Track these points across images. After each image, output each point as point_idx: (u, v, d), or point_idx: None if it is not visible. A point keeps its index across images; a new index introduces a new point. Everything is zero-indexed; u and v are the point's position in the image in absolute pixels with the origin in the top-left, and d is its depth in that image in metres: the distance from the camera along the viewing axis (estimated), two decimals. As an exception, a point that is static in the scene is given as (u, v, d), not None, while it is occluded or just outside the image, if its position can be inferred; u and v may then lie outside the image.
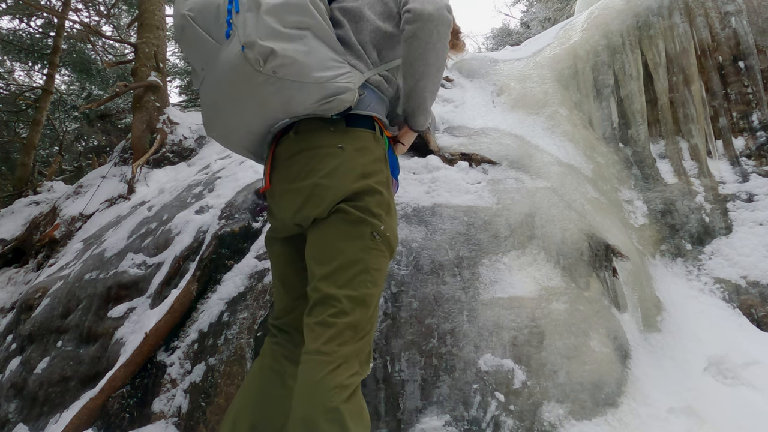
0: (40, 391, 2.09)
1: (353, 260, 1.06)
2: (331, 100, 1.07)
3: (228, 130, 1.19)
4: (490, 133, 2.68)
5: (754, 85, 2.82)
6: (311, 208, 1.09)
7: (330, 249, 1.07)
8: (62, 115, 9.13)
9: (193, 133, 4.52)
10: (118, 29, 9.33)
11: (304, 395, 0.95)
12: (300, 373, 0.98)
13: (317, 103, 1.07)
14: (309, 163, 1.12)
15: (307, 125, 1.14)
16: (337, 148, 1.11)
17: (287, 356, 1.20)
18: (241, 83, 1.02)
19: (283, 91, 1.02)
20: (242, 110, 1.09)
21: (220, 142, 1.28)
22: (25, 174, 6.34)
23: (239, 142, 1.23)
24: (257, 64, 0.97)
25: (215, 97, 1.10)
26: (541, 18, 11.51)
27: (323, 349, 0.98)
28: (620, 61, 3.10)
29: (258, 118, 1.12)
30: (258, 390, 1.17)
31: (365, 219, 1.08)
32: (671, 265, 2.46)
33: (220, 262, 2.05)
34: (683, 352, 1.86)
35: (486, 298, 1.68)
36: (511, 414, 1.40)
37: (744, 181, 2.64)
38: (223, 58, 1.01)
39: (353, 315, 1.02)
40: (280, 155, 1.17)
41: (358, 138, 1.14)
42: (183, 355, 1.83)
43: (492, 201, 2.09)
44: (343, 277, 1.04)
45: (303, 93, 1.04)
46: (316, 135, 1.13)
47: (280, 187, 1.17)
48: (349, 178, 1.09)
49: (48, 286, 2.70)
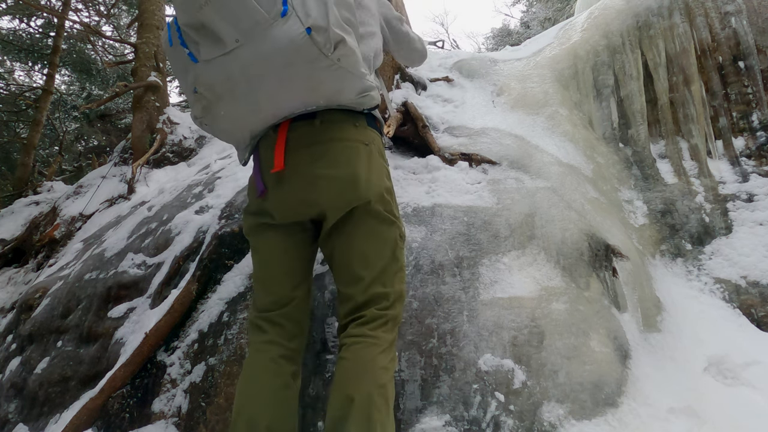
0: (40, 391, 2.09)
1: (392, 260, 1.20)
2: (366, 95, 1.16)
3: (247, 111, 1.13)
4: (490, 133, 2.68)
5: (754, 85, 2.82)
6: (351, 198, 1.15)
7: (375, 250, 1.18)
8: (62, 115, 9.13)
9: (193, 133, 4.52)
10: (118, 29, 9.33)
11: (360, 371, 1.05)
12: (352, 352, 1.07)
13: (358, 96, 1.15)
14: (344, 153, 1.17)
15: (333, 116, 1.19)
16: (365, 144, 1.20)
17: (284, 355, 1.19)
18: (301, 64, 1.02)
19: (340, 79, 1.08)
20: (287, 89, 1.08)
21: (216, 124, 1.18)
22: (25, 174, 6.34)
23: (253, 123, 1.18)
24: (327, 49, 0.99)
25: (251, 73, 1.04)
26: (541, 18, 11.52)
27: (373, 333, 1.10)
28: (620, 61, 3.10)
29: (298, 99, 1.12)
30: (268, 392, 1.14)
31: (395, 222, 1.23)
32: (671, 265, 2.46)
33: (220, 262, 2.05)
34: (683, 352, 1.86)
35: (486, 298, 1.68)
36: (511, 414, 1.40)
37: (744, 181, 2.64)
38: (278, 35, 0.99)
39: (395, 308, 1.17)
40: (298, 140, 1.17)
41: (375, 139, 1.26)
42: (183, 355, 1.83)
43: (492, 201, 2.09)
44: (388, 277, 1.18)
45: (352, 84, 1.12)
46: (343, 128, 1.19)
47: (303, 171, 1.17)
48: (380, 177, 1.21)
49: (48, 286, 2.70)
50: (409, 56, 1.77)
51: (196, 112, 1.14)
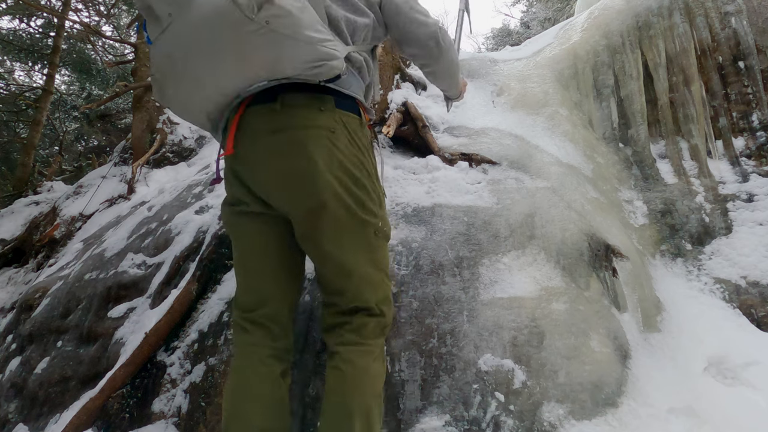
0: (40, 391, 2.09)
1: (369, 263, 1.13)
2: (321, 65, 1.01)
3: (191, 90, 1.05)
4: (490, 133, 2.68)
5: (754, 85, 2.82)
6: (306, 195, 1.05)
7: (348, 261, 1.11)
8: (62, 115, 9.13)
9: (193, 133, 4.52)
10: (118, 29, 9.33)
11: (357, 382, 1.03)
12: (347, 361, 1.05)
13: (307, 65, 1.00)
14: (302, 143, 1.05)
15: (294, 98, 1.06)
16: (330, 131, 1.07)
17: (273, 355, 1.14)
18: (226, 31, 0.92)
19: (274, 45, 0.95)
20: (219, 64, 0.98)
21: (173, 107, 1.11)
22: (25, 174, 6.34)
23: (201, 105, 1.09)
24: (250, 11, 0.89)
25: (185, 48, 0.97)
26: (541, 18, 11.52)
27: (365, 341, 1.08)
28: (620, 61, 3.10)
29: (236, 75, 1.01)
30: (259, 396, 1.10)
31: (368, 221, 1.12)
32: (671, 265, 2.46)
33: (220, 262, 2.05)
34: (683, 352, 1.86)
35: (486, 298, 1.68)
36: (511, 414, 1.40)
37: (744, 181, 2.64)
38: (204, 1, 0.92)
39: (385, 314, 1.14)
40: (256, 124, 1.07)
41: (347, 123, 1.11)
42: (183, 355, 1.83)
43: (492, 201, 2.09)
44: (369, 282, 1.13)
45: (294, 50, 0.97)
46: (306, 113, 1.07)
47: (263, 159, 1.07)
48: (346, 167, 1.08)
49: (48, 286, 2.70)
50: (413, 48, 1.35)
51: (155, 94, 1.09)
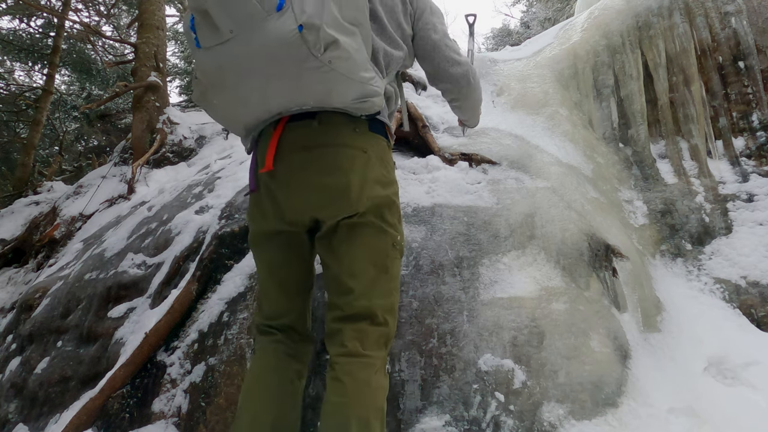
0: (40, 391, 2.09)
1: (381, 271, 1.15)
2: (365, 101, 1.09)
3: (236, 104, 1.10)
4: (490, 133, 2.68)
5: (754, 85, 2.82)
6: (339, 209, 1.11)
7: (361, 262, 1.14)
8: (62, 115, 9.13)
9: (193, 133, 4.52)
10: (118, 29, 9.34)
11: (357, 395, 1.03)
12: (348, 373, 1.05)
13: (354, 101, 1.08)
14: (337, 159, 1.12)
15: (331, 118, 1.13)
16: (363, 151, 1.15)
17: (290, 353, 1.20)
18: (288, 62, 0.97)
19: (330, 82, 1.02)
20: (272, 88, 1.04)
21: (211, 111, 1.16)
22: (25, 174, 6.34)
23: (243, 116, 1.15)
24: (316, 50, 0.94)
25: (241, 66, 1.01)
26: (541, 18, 11.51)
27: (366, 353, 1.08)
28: (620, 61, 3.10)
29: (286, 98, 1.07)
30: (272, 389, 1.15)
31: (388, 231, 1.17)
32: (671, 265, 2.46)
33: (220, 262, 2.05)
34: (683, 352, 1.86)
35: (486, 298, 1.68)
36: (511, 414, 1.40)
37: (744, 181, 2.64)
38: (270, 30, 0.95)
39: (388, 324, 1.15)
40: (294, 141, 1.13)
41: (378, 145, 1.20)
42: (183, 355, 1.83)
43: (492, 201, 2.09)
44: (377, 290, 1.14)
45: (346, 87, 1.05)
46: (342, 132, 1.14)
47: (296, 176, 1.13)
48: (375, 186, 1.15)
49: (48, 286, 2.70)
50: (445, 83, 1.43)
51: (195, 95, 1.13)
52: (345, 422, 1.00)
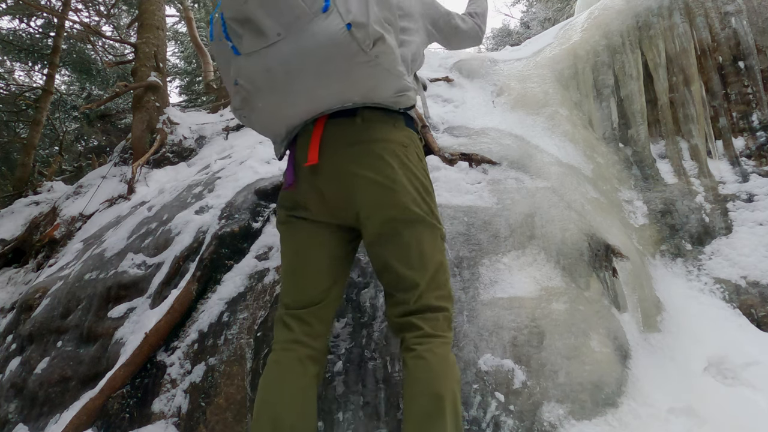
0: (40, 391, 2.09)
1: (439, 265, 1.21)
2: (402, 95, 1.17)
3: (284, 105, 1.14)
4: (490, 133, 2.68)
5: (754, 85, 2.82)
6: (391, 205, 1.16)
7: (422, 257, 1.19)
8: (62, 115, 9.13)
9: (193, 133, 4.52)
10: (118, 29, 9.34)
11: (442, 370, 1.10)
12: (428, 351, 1.11)
13: (394, 95, 1.16)
14: (383, 155, 1.17)
15: (372, 115, 1.20)
16: (403, 146, 1.21)
17: (310, 356, 1.20)
18: (339, 59, 1.03)
19: (376, 76, 1.09)
20: (322, 86, 1.10)
21: (257, 117, 1.20)
22: (25, 174, 6.34)
23: (289, 117, 1.19)
24: (366, 46, 1.01)
25: (291, 66, 1.06)
26: (541, 18, 11.51)
27: (441, 333, 1.15)
28: (620, 61, 3.10)
29: (335, 95, 1.13)
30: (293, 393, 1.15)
31: (435, 225, 1.23)
32: (671, 265, 2.46)
33: (220, 262, 2.05)
34: (683, 352, 1.86)
35: (486, 298, 1.68)
36: (511, 414, 1.40)
37: (744, 181, 2.64)
38: (319, 30, 1.01)
39: (449, 309, 1.21)
40: (337, 137, 1.18)
41: (413, 140, 1.27)
42: (183, 355, 1.83)
43: (492, 201, 2.09)
44: (438, 281, 1.20)
45: (388, 81, 1.13)
46: (383, 128, 1.20)
47: (342, 170, 1.17)
48: (417, 178, 1.21)
49: (48, 286, 2.70)
50: (462, 45, 1.78)
51: (236, 103, 1.17)
52: (437, 396, 1.05)
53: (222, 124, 4.48)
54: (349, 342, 1.61)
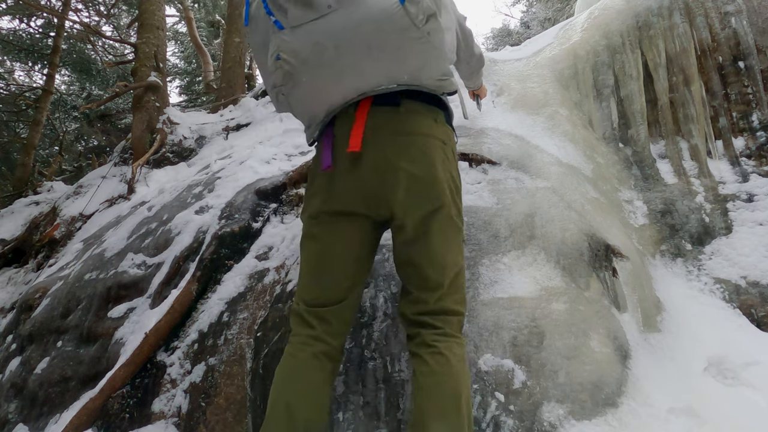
0: (40, 391, 2.09)
1: (461, 268, 1.22)
2: (446, 79, 1.16)
3: (330, 80, 1.10)
4: (490, 133, 2.68)
5: (754, 85, 2.82)
6: (427, 200, 1.14)
7: (447, 258, 1.18)
8: (62, 115, 9.13)
9: (193, 133, 4.52)
10: (118, 29, 9.34)
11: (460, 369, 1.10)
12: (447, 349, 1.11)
13: (440, 77, 1.14)
14: (425, 150, 1.15)
15: (415, 106, 1.17)
16: (443, 143, 1.20)
17: (327, 353, 1.17)
18: (391, 33, 1.02)
19: (425, 54, 1.08)
20: (374, 59, 1.07)
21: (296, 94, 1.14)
22: (25, 174, 6.34)
23: (331, 95, 1.14)
24: (420, 21, 1.01)
25: (341, 40, 1.04)
26: (541, 18, 11.51)
27: (456, 333, 1.16)
28: (620, 61, 3.10)
29: (383, 73, 1.10)
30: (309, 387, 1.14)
31: (461, 228, 1.23)
32: (671, 265, 2.46)
33: (220, 262, 2.05)
34: (683, 352, 1.86)
35: (486, 298, 1.68)
36: (511, 414, 1.40)
37: (744, 181, 2.64)
38: (372, 3, 1.02)
39: (463, 313, 1.22)
40: (380, 126, 1.14)
41: (451, 138, 1.26)
42: (183, 355, 1.83)
43: (492, 201, 2.09)
44: (458, 285, 1.21)
45: (437, 62, 1.12)
46: (425, 122, 1.17)
47: (383, 161, 1.13)
48: (454, 178, 1.21)
49: (48, 286, 2.70)
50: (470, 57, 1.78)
51: (276, 79, 1.13)
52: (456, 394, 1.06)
53: (222, 124, 4.48)
54: (349, 342, 1.61)
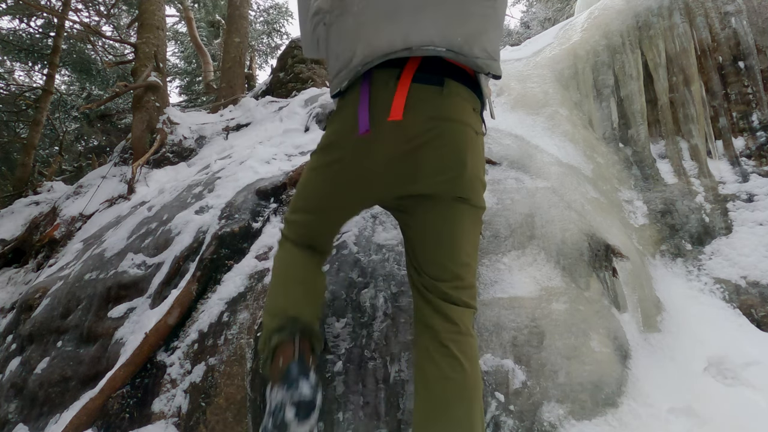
0: (40, 391, 2.09)
1: (475, 261, 1.22)
2: (495, 60, 1.12)
3: (385, 12, 1.04)
4: (490, 133, 2.68)
5: (754, 85, 2.82)
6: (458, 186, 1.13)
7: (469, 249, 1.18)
8: (62, 115, 9.13)
9: (193, 133, 4.52)
10: (118, 29, 9.34)
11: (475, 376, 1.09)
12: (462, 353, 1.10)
13: (491, 53, 1.10)
14: (460, 137, 1.11)
15: (457, 88, 1.11)
16: (476, 133, 1.16)
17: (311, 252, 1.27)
18: None
19: (489, 20, 1.07)
20: (435, 8, 1.03)
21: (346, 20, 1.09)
22: (25, 174, 6.34)
23: (377, 37, 1.06)
24: None
25: None
26: (541, 18, 11.51)
27: (469, 332, 1.15)
28: (620, 61, 3.10)
29: (440, 28, 1.03)
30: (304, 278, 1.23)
31: (481, 222, 1.24)
32: (671, 265, 2.46)
33: (220, 262, 2.05)
34: (683, 352, 1.86)
35: (486, 298, 1.68)
36: (511, 414, 1.40)
37: (744, 181, 2.64)
38: None
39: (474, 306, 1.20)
40: (422, 102, 1.07)
41: (481, 130, 1.23)
42: (183, 355, 1.83)
43: (492, 201, 2.09)
44: (473, 273, 1.20)
45: (495, 33, 1.10)
46: (465, 109, 1.13)
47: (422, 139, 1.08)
48: (481, 170, 1.19)
49: (48, 286, 2.70)
50: None
51: (323, 3, 1.09)
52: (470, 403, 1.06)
53: (222, 124, 4.49)
54: (349, 342, 1.61)
